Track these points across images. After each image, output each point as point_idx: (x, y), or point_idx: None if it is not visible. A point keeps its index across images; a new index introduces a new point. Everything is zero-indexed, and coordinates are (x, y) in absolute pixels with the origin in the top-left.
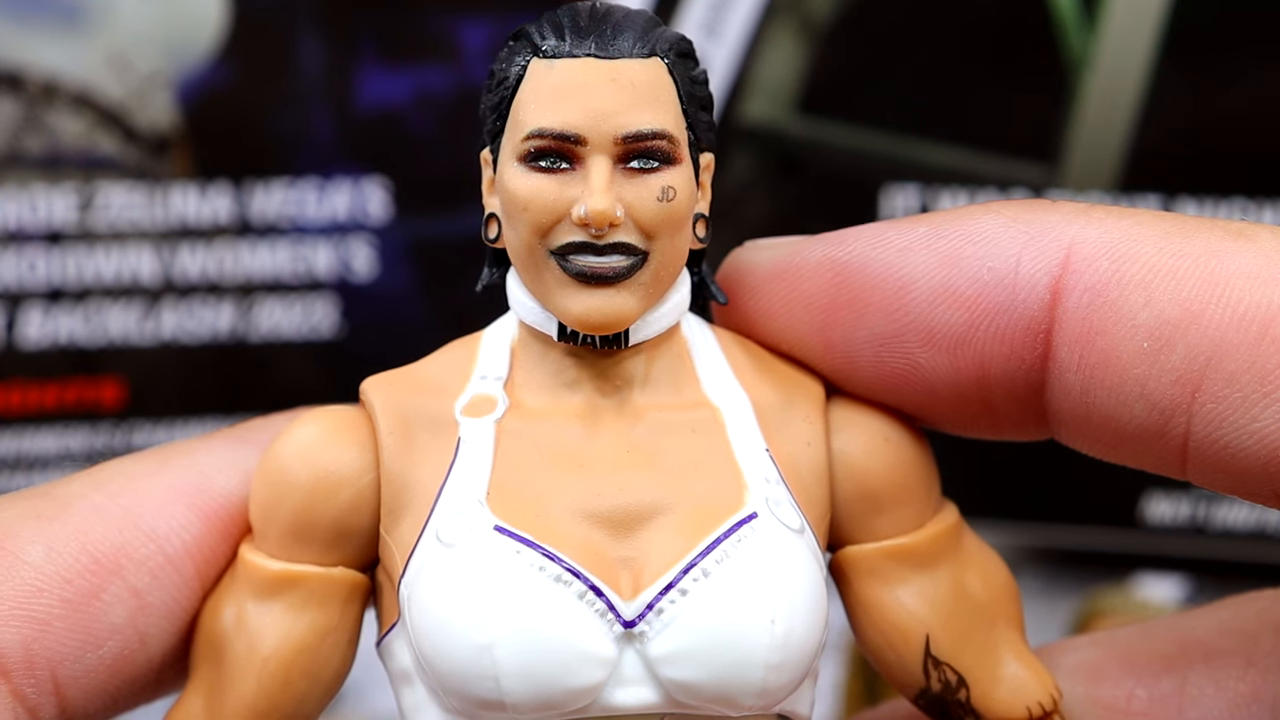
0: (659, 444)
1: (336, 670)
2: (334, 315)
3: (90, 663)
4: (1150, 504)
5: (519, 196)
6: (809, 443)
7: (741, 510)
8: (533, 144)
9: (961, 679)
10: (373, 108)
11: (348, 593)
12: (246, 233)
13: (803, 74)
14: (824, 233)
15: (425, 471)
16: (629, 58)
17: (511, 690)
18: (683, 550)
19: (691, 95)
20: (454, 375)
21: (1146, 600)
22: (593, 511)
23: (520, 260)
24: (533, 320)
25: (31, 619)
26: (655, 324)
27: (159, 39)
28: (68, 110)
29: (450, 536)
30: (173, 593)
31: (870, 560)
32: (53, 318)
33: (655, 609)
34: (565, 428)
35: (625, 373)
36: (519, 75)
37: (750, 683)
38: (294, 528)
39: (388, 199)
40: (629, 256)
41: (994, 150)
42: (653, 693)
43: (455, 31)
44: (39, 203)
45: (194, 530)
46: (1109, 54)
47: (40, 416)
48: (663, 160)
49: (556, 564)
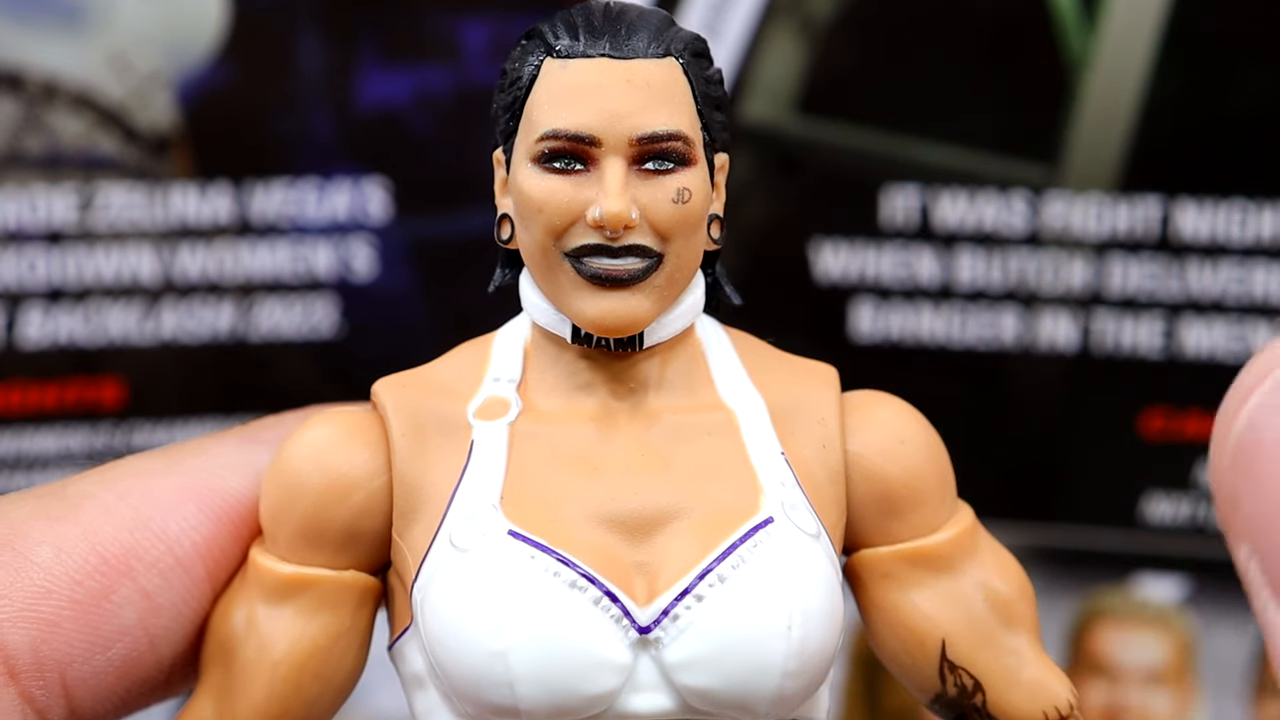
0: (674, 447)
1: (348, 674)
2: (334, 315)
3: (99, 664)
4: (1150, 504)
5: (533, 198)
6: (824, 445)
7: (757, 515)
8: (547, 145)
9: (978, 683)
10: (373, 108)
11: (359, 596)
12: (246, 233)
13: (803, 74)
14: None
15: (438, 474)
16: (644, 58)
17: (526, 696)
18: (698, 555)
19: (706, 95)
20: (466, 377)
21: (1146, 600)
22: (607, 516)
23: (534, 262)
24: (546, 322)
25: (40, 620)
26: (670, 326)
27: (159, 39)
28: (68, 110)
29: (464, 541)
30: (183, 594)
31: (886, 564)
32: (53, 318)
33: (671, 615)
34: (579, 431)
35: (640, 375)
36: (532, 75)
37: (767, 689)
38: (305, 531)
39: (388, 199)
40: (644, 258)
41: (994, 150)
42: (668, 699)
43: (455, 31)
44: (39, 203)
45: (204, 531)
46: (1109, 54)
47: (40, 416)
48: (678, 161)
49: (571, 569)
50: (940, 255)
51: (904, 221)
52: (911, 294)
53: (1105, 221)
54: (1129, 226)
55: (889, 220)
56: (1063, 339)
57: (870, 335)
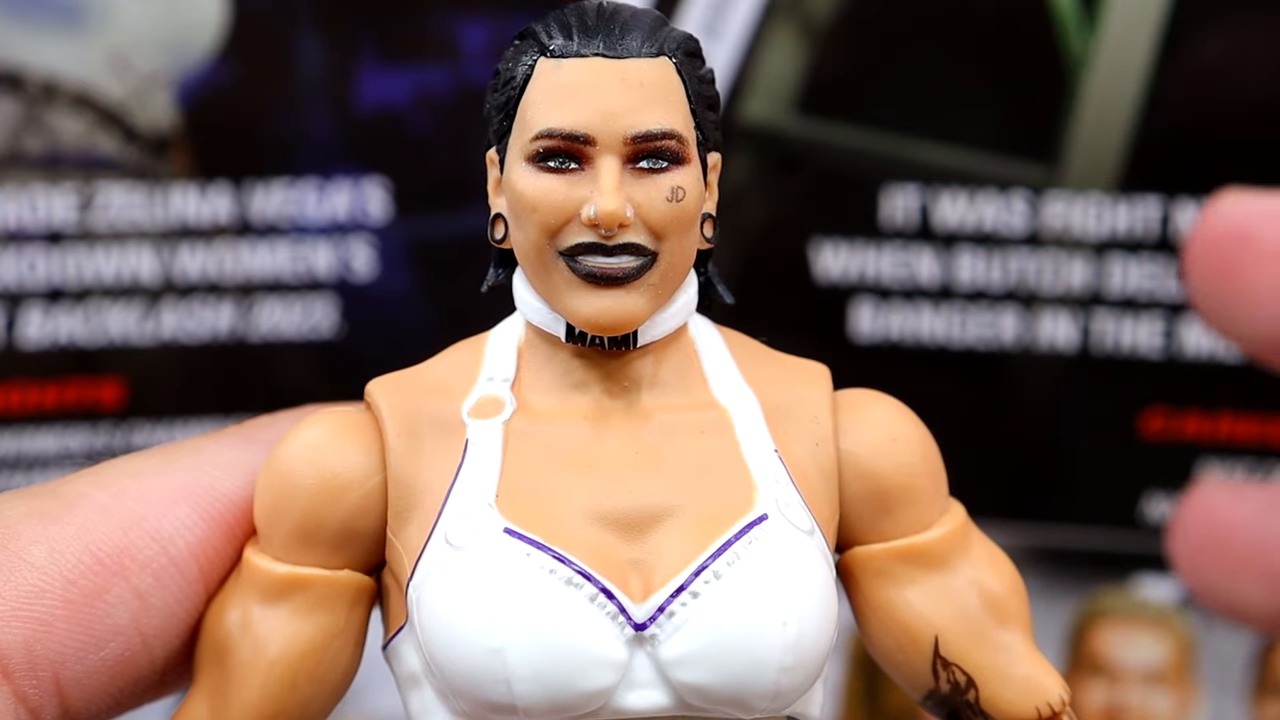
0: (668, 445)
1: (343, 674)
2: (334, 315)
3: (93, 664)
4: (1150, 504)
5: (528, 197)
6: (817, 443)
7: (752, 512)
8: (541, 144)
9: (970, 680)
10: (373, 108)
11: (354, 596)
12: (246, 233)
13: (803, 74)
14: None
15: (433, 474)
16: (637, 57)
17: (523, 694)
18: (693, 552)
19: (699, 95)
20: (460, 377)
21: (1146, 600)
22: (602, 513)
23: (528, 261)
24: (540, 321)
25: (34, 620)
26: (664, 325)
27: (159, 39)
28: (68, 110)
29: (459, 539)
30: (176, 594)
31: (879, 561)
32: (53, 318)
33: (666, 612)
34: (573, 429)
35: (633, 374)
36: (526, 75)
37: (763, 686)
38: (300, 531)
39: (388, 199)
40: (638, 257)
41: (994, 150)
42: (664, 696)
43: (455, 31)
44: (39, 203)
45: (198, 531)
46: (1109, 54)
47: (40, 416)
48: (672, 160)
49: (567, 567)
50: (940, 255)
51: (904, 221)
52: (911, 294)
53: (1105, 221)
54: (1129, 226)
55: (889, 220)
56: (1063, 339)
57: (870, 335)
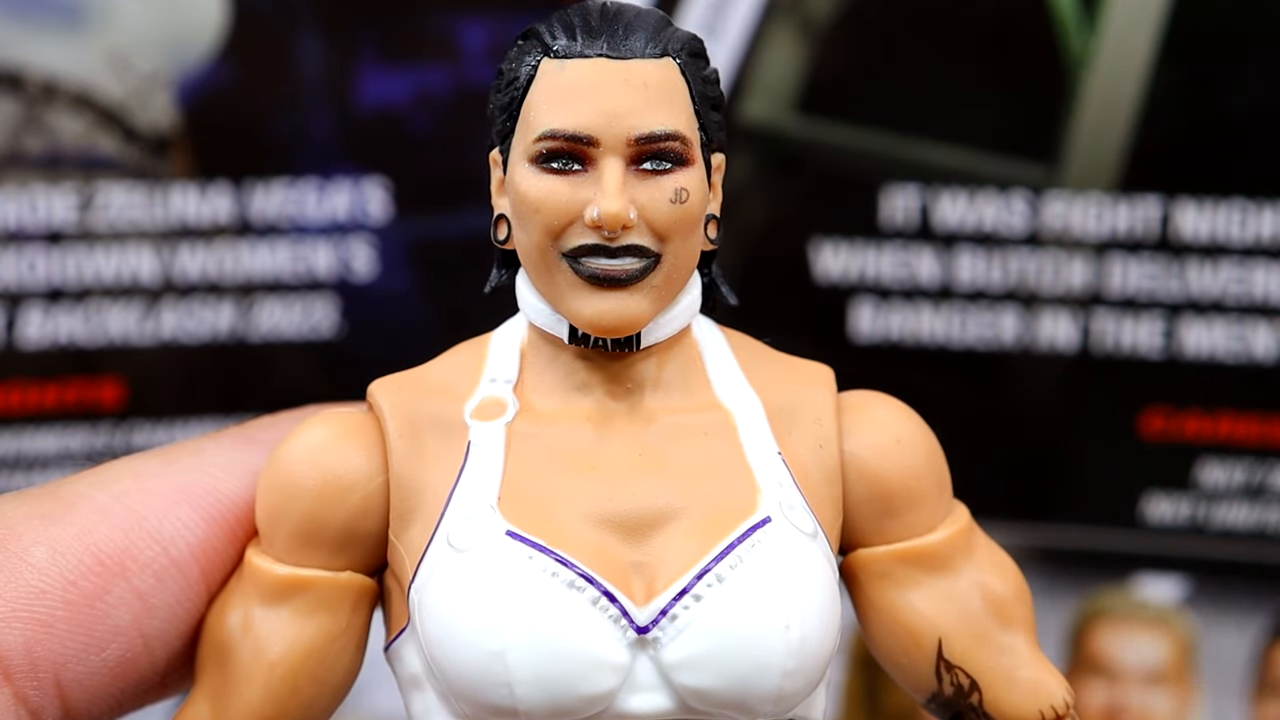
0: (671, 447)
1: (344, 675)
2: (334, 315)
3: (94, 665)
4: (1150, 504)
5: (531, 198)
6: (821, 445)
7: (755, 515)
8: (545, 145)
9: (974, 683)
10: (373, 108)
11: (355, 597)
12: (246, 233)
13: (803, 74)
14: None
15: (435, 475)
16: (641, 58)
17: (525, 697)
18: (696, 555)
19: (703, 95)
20: (463, 378)
21: (1146, 600)
22: (605, 516)
23: (531, 262)
24: (543, 323)
25: (35, 621)
26: (667, 326)
27: (159, 39)
28: (68, 110)
29: (461, 541)
30: (177, 595)
31: (882, 563)
32: (53, 318)
33: (669, 615)
34: (576, 431)
35: (636, 376)
36: (529, 75)
37: (766, 689)
38: (302, 532)
39: (388, 199)
40: (642, 259)
41: (994, 150)
42: (666, 699)
43: (455, 31)
44: (39, 203)
45: (199, 532)
46: (1109, 54)
47: (40, 416)
48: (675, 161)
49: (570, 569)
50: (940, 255)
51: (904, 221)
52: (911, 294)
53: (1105, 221)
54: (1129, 226)
55: (889, 220)
56: (1063, 339)
57: (870, 335)
